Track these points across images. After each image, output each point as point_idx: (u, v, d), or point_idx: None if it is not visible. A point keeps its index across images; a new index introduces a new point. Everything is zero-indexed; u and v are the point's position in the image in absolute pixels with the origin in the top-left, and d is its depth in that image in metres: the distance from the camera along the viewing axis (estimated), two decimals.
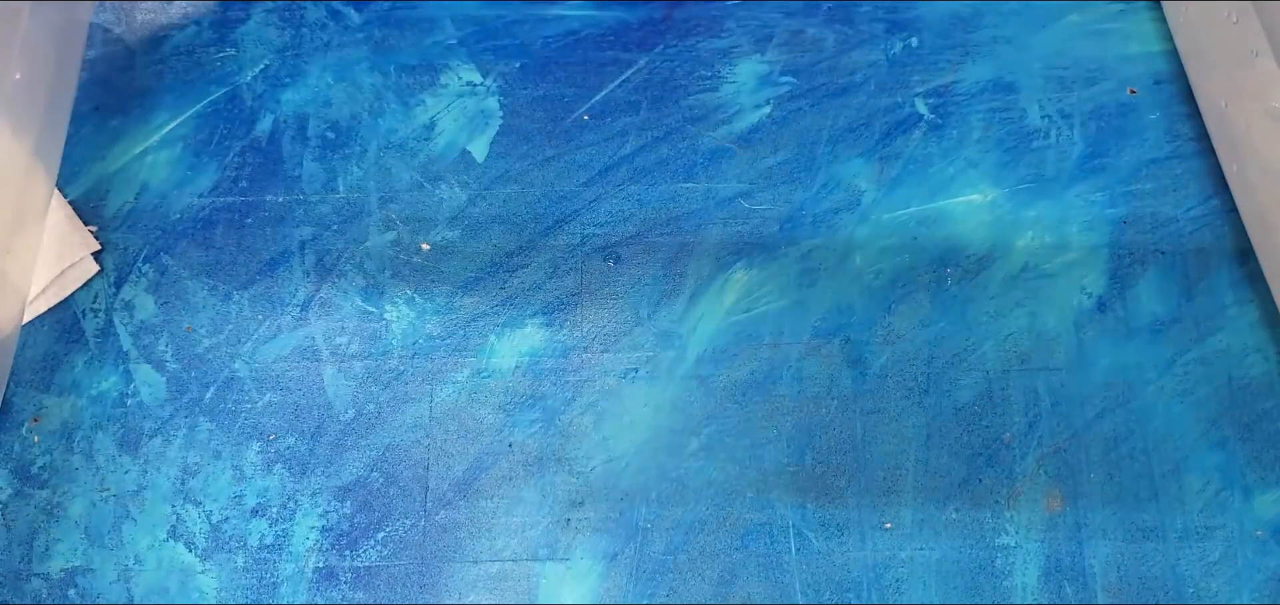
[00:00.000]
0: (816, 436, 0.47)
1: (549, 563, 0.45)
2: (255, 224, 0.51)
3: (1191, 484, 0.46)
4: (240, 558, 0.45)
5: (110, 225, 0.51)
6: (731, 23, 0.57)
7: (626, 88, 0.55)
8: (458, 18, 0.57)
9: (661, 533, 0.45)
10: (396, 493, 0.46)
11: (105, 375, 0.48)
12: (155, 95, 0.55)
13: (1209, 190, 0.52)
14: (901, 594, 0.44)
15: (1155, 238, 0.51)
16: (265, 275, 0.50)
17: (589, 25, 0.57)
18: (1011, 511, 0.45)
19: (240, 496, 0.46)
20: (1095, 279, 0.50)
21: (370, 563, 0.45)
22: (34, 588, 0.44)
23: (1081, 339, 0.49)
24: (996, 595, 0.44)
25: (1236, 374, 0.48)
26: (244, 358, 0.48)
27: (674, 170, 0.53)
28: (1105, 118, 0.54)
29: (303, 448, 0.47)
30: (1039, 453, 0.46)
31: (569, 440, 0.47)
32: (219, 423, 0.47)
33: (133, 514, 0.45)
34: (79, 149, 0.53)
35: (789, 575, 0.44)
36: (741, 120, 0.54)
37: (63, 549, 0.45)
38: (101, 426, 0.47)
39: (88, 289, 0.50)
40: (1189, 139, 0.53)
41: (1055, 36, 0.56)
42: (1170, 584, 0.44)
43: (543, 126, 0.54)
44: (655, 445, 0.47)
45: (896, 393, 0.48)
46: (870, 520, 0.45)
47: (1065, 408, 0.47)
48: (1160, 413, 0.47)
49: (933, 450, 0.46)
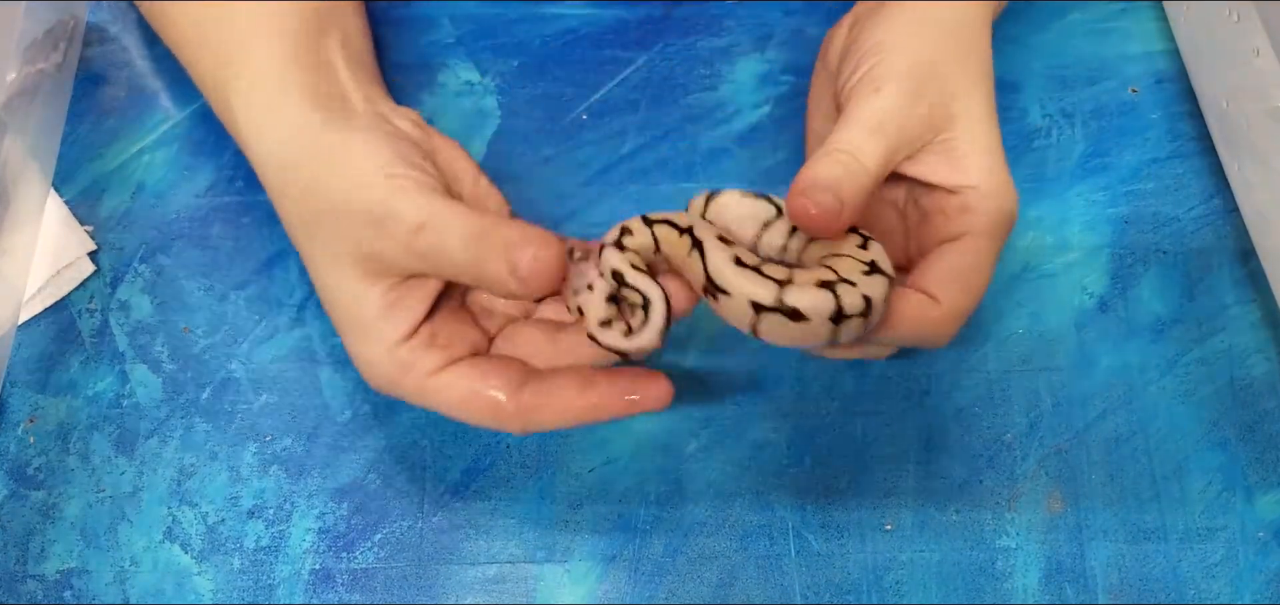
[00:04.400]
0: (816, 438, 0.47)
1: (547, 564, 0.44)
2: (252, 224, 0.51)
3: (1193, 485, 0.46)
4: (236, 559, 0.44)
5: (106, 225, 0.51)
6: (731, 22, 0.57)
7: (625, 86, 0.55)
8: (455, 16, 0.57)
9: (660, 534, 0.45)
10: (393, 494, 0.46)
11: (101, 376, 0.48)
12: (152, 95, 0.54)
13: (1210, 190, 0.52)
14: (902, 595, 0.44)
15: (1156, 237, 0.51)
16: (262, 275, 0.50)
17: (588, 24, 0.56)
18: (1012, 513, 0.45)
19: (236, 498, 0.46)
20: (1096, 279, 0.50)
21: (367, 564, 0.44)
22: (29, 589, 0.44)
23: (1082, 339, 0.49)
24: (997, 597, 0.44)
25: (1238, 374, 0.48)
26: (240, 358, 0.48)
27: (673, 169, 0.53)
28: (1106, 117, 0.54)
29: (299, 449, 0.46)
30: (1040, 454, 0.46)
31: (567, 441, 0.47)
32: (215, 424, 0.47)
33: (129, 515, 0.45)
34: (75, 148, 0.53)
35: (789, 577, 0.44)
36: (741, 120, 0.54)
37: (58, 550, 0.45)
38: (97, 427, 0.47)
39: (84, 289, 0.50)
40: (1190, 138, 0.53)
41: (1056, 36, 0.56)
42: (1172, 585, 0.44)
43: (541, 125, 0.54)
44: (654, 446, 0.46)
45: (897, 394, 0.47)
46: (870, 522, 0.45)
47: (1066, 408, 0.47)
48: (1162, 413, 0.47)
49: (933, 452, 0.46)
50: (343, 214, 0.39)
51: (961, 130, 0.41)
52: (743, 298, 0.35)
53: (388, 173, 0.39)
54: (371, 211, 0.38)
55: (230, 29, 0.43)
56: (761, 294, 0.35)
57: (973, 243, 0.41)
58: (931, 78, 0.41)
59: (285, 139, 0.41)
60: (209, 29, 0.44)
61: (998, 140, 0.42)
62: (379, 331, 0.39)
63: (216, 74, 0.44)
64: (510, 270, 0.36)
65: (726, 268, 0.36)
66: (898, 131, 0.40)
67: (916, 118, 0.40)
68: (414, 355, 0.39)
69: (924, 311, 0.40)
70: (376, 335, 0.39)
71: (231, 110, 0.43)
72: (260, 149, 0.42)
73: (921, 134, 0.41)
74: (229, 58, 0.43)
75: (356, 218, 0.38)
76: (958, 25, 0.43)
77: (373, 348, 0.39)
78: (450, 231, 0.37)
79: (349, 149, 0.40)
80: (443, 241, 0.37)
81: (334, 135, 0.41)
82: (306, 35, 0.43)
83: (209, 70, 0.44)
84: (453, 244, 0.37)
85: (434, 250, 0.37)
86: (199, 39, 0.45)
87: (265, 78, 0.42)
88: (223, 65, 0.43)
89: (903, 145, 0.41)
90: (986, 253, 0.41)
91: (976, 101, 0.42)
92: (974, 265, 0.41)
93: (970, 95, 0.42)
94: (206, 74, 0.45)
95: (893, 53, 0.41)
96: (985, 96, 0.42)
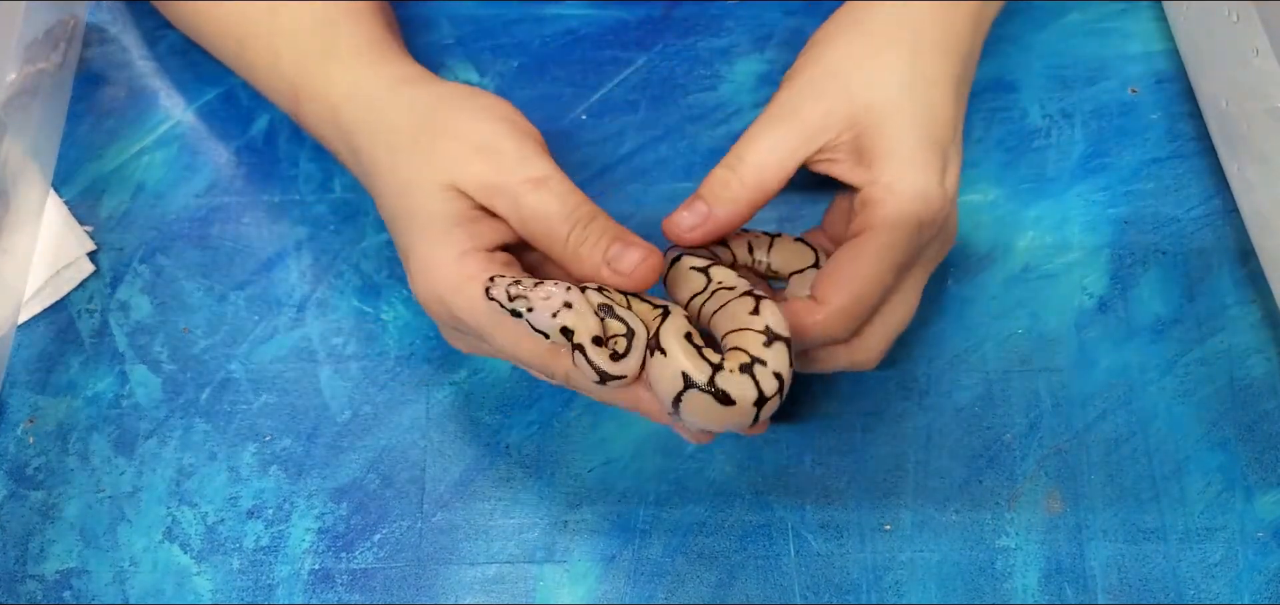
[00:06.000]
0: (816, 438, 0.47)
1: (547, 565, 0.44)
2: (252, 224, 0.51)
3: (1193, 485, 0.46)
4: (236, 559, 0.44)
5: (106, 225, 0.51)
6: (731, 22, 0.56)
7: (625, 87, 0.55)
8: (455, 17, 0.57)
9: (660, 534, 0.45)
10: (393, 495, 0.46)
11: (101, 376, 0.48)
12: (151, 95, 0.55)
13: (1210, 190, 0.52)
14: (901, 596, 0.44)
15: (1156, 238, 0.51)
16: (262, 275, 0.50)
17: (587, 24, 0.56)
18: (1012, 513, 0.45)
19: (236, 498, 0.46)
20: (1096, 279, 0.50)
21: (366, 565, 0.44)
22: (29, 590, 0.44)
23: (1082, 339, 0.49)
24: (997, 597, 0.44)
25: (1238, 375, 0.48)
26: (240, 359, 0.48)
27: (673, 169, 0.53)
28: (1106, 117, 0.54)
29: (299, 449, 0.46)
30: (1040, 454, 0.46)
31: (567, 442, 0.47)
32: (215, 424, 0.47)
33: (128, 515, 0.45)
34: (75, 149, 0.53)
35: (788, 577, 0.44)
36: (741, 119, 0.54)
37: (58, 551, 0.45)
38: (97, 428, 0.47)
39: (83, 289, 0.50)
40: (1190, 139, 0.53)
41: (1056, 36, 0.56)
42: (1171, 585, 0.44)
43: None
44: (653, 446, 0.46)
45: (896, 394, 0.47)
46: (870, 522, 0.45)
47: (1066, 409, 0.47)
48: (1162, 413, 0.47)
49: (932, 451, 0.46)
50: (463, 138, 0.41)
51: (872, 129, 0.41)
52: (676, 366, 0.37)
53: (513, 121, 0.42)
54: (497, 146, 0.40)
55: (308, 15, 0.45)
56: (693, 369, 0.36)
57: (866, 239, 0.40)
58: (832, 77, 0.42)
59: (391, 84, 0.43)
60: (286, 13, 0.46)
61: (925, 144, 0.41)
62: (455, 236, 0.40)
63: (304, 47, 0.45)
64: (607, 262, 0.39)
65: (673, 339, 0.37)
66: (791, 128, 0.42)
67: (817, 114, 0.42)
68: (480, 267, 0.40)
69: (801, 317, 0.39)
70: (452, 239, 0.40)
71: (328, 74, 0.44)
72: (365, 101, 0.43)
73: (822, 129, 0.42)
74: (316, 30, 0.45)
75: (477, 146, 0.40)
76: (890, 33, 0.43)
77: (444, 250, 0.40)
78: (563, 198, 0.40)
79: (473, 95, 0.43)
80: (550, 206, 0.40)
81: (444, 86, 0.43)
82: (384, 20, 0.47)
83: (290, 50, 0.46)
84: (556, 211, 0.40)
85: (539, 210, 0.40)
86: (271, 20, 0.46)
87: (362, 45, 0.45)
88: (312, 36, 0.45)
89: (800, 141, 0.42)
90: (878, 249, 0.39)
91: (899, 104, 0.41)
92: (859, 261, 0.39)
93: (891, 98, 0.41)
94: (288, 56, 0.46)
95: (804, 58, 0.44)
96: (917, 101, 0.42)
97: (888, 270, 0.40)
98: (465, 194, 0.40)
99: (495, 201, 0.40)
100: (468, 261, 0.40)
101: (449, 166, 0.40)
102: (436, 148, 0.41)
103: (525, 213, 0.40)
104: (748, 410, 0.37)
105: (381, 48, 0.45)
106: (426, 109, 0.42)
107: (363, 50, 0.45)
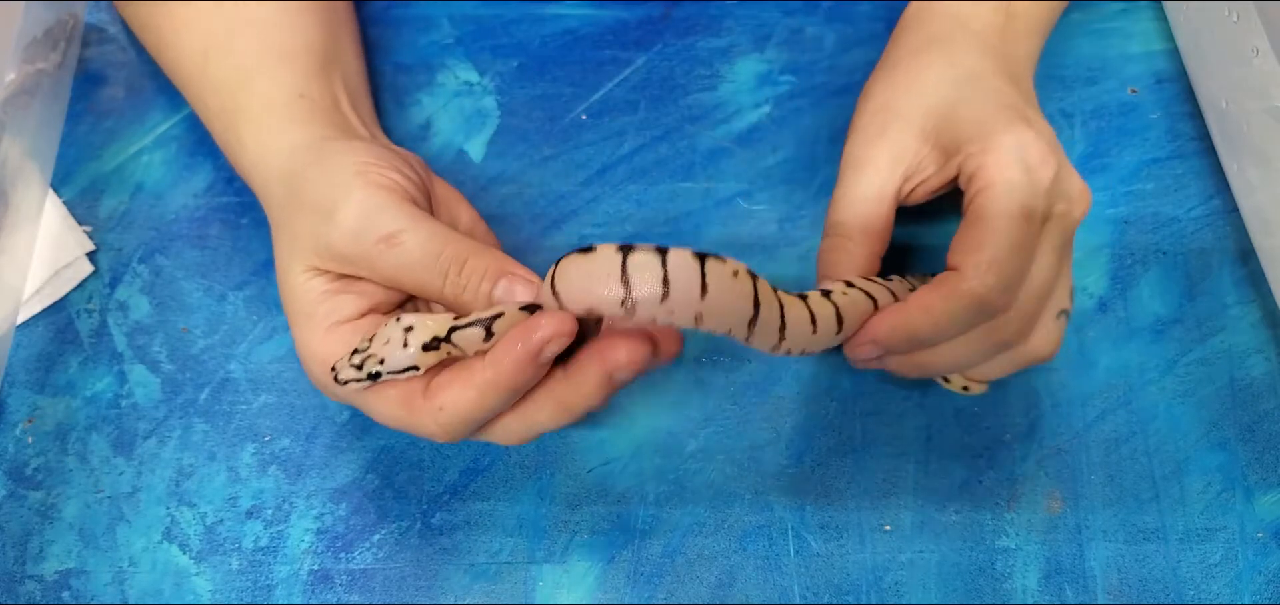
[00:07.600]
0: (816, 438, 0.47)
1: (546, 565, 0.44)
2: (250, 224, 0.51)
3: (1192, 485, 0.45)
4: (235, 560, 0.44)
5: (105, 225, 0.51)
6: (731, 21, 0.56)
7: (625, 87, 0.55)
8: (454, 16, 0.57)
9: (659, 535, 0.45)
10: (392, 495, 0.46)
11: (100, 376, 0.48)
12: (150, 95, 0.54)
13: (1210, 190, 0.52)
14: (901, 596, 0.44)
15: (1156, 238, 0.51)
16: (261, 276, 0.50)
17: (587, 24, 0.56)
18: (1012, 513, 0.45)
19: (235, 498, 0.46)
20: (1096, 279, 0.50)
21: (366, 565, 0.44)
22: (28, 590, 0.44)
23: (1082, 339, 0.48)
24: (997, 597, 0.44)
25: (1238, 375, 0.48)
26: (239, 359, 0.48)
27: (672, 169, 0.53)
28: (1106, 117, 0.54)
29: (298, 449, 0.46)
30: (1039, 454, 0.46)
31: (566, 442, 0.47)
32: (214, 424, 0.47)
33: (127, 516, 0.45)
34: (73, 149, 0.53)
35: (788, 577, 0.44)
36: (740, 119, 0.54)
37: (57, 551, 0.44)
38: (96, 428, 0.47)
39: (82, 289, 0.50)
40: (1190, 138, 0.53)
41: (1056, 35, 0.56)
42: (1171, 586, 0.44)
43: (540, 126, 0.54)
44: (653, 447, 0.46)
45: (896, 394, 0.47)
46: (869, 522, 0.45)
47: (1066, 408, 0.47)
48: (1161, 414, 0.47)
49: (932, 452, 0.46)
50: (315, 209, 0.39)
51: (943, 124, 0.43)
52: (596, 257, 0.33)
53: (365, 175, 0.39)
54: (343, 211, 0.38)
55: (239, 60, 0.44)
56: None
57: (981, 198, 0.39)
58: (883, 110, 0.44)
59: (292, 150, 0.42)
60: (214, 62, 0.45)
61: (999, 109, 0.41)
62: (318, 316, 0.39)
63: (223, 104, 0.45)
64: (497, 302, 0.38)
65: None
66: (864, 170, 0.44)
67: (888, 147, 0.44)
68: (343, 342, 0.39)
69: (945, 287, 0.38)
70: (316, 319, 0.39)
71: (240, 136, 0.44)
72: (266, 170, 0.43)
73: (898, 157, 0.43)
74: (238, 86, 0.44)
75: (326, 214, 0.39)
76: (920, 56, 0.45)
77: (310, 331, 0.39)
78: (423, 248, 0.38)
79: (337, 151, 0.41)
80: (411, 258, 0.38)
81: (333, 145, 0.42)
82: (314, 68, 0.45)
83: (215, 103, 0.45)
84: (419, 262, 0.38)
85: (401, 266, 0.38)
86: (202, 72, 0.45)
87: (275, 104, 0.43)
88: (231, 94, 0.44)
89: (888, 170, 0.44)
90: (994, 199, 0.39)
91: (959, 92, 0.43)
92: (982, 217, 0.39)
93: (945, 94, 0.43)
94: (213, 106, 0.45)
95: (854, 119, 0.46)
96: (973, 87, 0.43)
97: (1013, 217, 0.38)
98: (323, 270, 0.39)
99: (354, 269, 0.39)
100: (330, 340, 0.39)
101: (306, 244, 0.39)
102: (296, 226, 0.40)
103: (386, 273, 0.38)
104: (613, 256, 0.32)
105: (290, 108, 0.43)
106: (297, 180, 0.41)
107: (275, 109, 0.43)
